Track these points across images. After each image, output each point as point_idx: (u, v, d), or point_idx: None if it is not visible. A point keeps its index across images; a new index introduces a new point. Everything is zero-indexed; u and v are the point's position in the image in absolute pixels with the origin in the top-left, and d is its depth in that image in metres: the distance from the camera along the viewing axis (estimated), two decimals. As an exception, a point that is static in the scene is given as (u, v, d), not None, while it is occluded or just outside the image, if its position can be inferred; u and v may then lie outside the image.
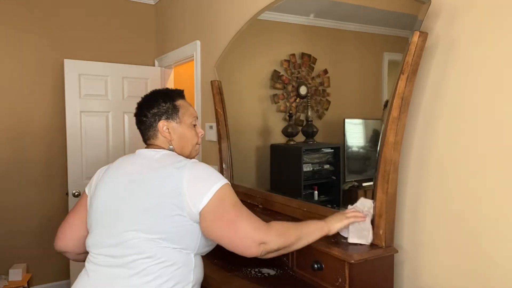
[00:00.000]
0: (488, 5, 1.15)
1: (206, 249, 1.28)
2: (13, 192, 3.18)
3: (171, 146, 1.32)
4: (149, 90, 3.45)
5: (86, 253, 1.27)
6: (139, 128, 1.39)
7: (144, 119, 1.35)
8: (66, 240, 1.35)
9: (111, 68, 3.35)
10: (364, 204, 1.35)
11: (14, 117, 3.16)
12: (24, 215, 3.22)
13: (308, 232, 1.25)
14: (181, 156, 1.28)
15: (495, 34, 1.14)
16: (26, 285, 2.97)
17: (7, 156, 3.16)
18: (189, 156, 1.35)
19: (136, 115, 1.40)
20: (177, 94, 1.40)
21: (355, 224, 1.33)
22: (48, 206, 3.30)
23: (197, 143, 1.39)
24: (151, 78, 3.54)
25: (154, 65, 3.69)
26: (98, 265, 1.19)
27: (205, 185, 1.16)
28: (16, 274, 2.99)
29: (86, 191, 1.36)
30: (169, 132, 1.32)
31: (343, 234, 1.37)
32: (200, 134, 1.40)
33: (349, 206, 1.39)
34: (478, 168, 1.19)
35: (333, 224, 1.29)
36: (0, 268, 3.11)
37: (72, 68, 3.18)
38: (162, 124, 1.32)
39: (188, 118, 1.36)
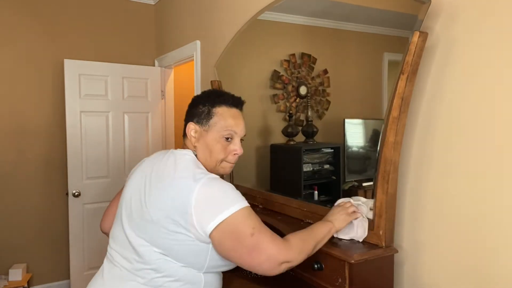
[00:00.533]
0: (488, 5, 1.15)
1: (222, 269, 1.21)
2: (13, 192, 3.18)
3: (194, 152, 1.22)
4: (149, 90, 3.54)
5: None
6: None
7: (185, 115, 1.29)
8: (106, 223, 1.38)
9: (111, 68, 3.35)
10: (357, 201, 1.37)
11: (14, 117, 3.16)
12: (24, 215, 3.22)
13: (321, 238, 1.21)
14: (202, 169, 1.16)
15: (495, 34, 1.14)
16: (26, 285, 2.98)
17: (7, 156, 3.15)
18: (212, 171, 1.19)
19: None
20: (224, 100, 1.25)
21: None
22: (48, 206, 3.30)
23: (223, 160, 1.23)
24: (151, 78, 3.54)
25: (154, 65, 3.69)
26: (113, 264, 1.20)
27: (215, 207, 1.05)
28: (16, 274, 2.99)
29: (128, 176, 1.34)
30: (195, 137, 1.23)
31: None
32: (233, 152, 1.23)
33: (342, 200, 1.39)
34: (478, 167, 1.18)
35: (340, 223, 1.29)
36: (0, 268, 3.11)
37: (72, 68, 3.18)
38: (191, 126, 1.24)
39: (220, 130, 1.21)
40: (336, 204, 1.38)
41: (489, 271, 1.17)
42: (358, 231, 1.32)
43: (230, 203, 1.06)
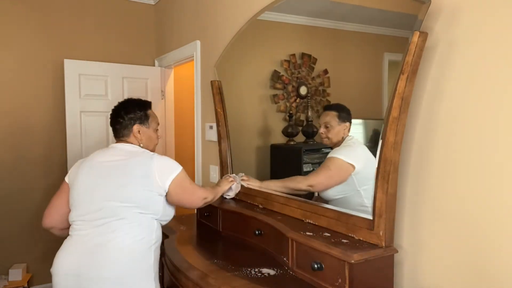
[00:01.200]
0: (488, 5, 1.15)
1: (166, 219, 1.72)
2: (13, 192, 3.18)
3: (141, 145, 1.76)
4: (149, 90, 3.54)
5: (68, 228, 1.65)
6: (113, 126, 1.78)
7: (121, 120, 1.75)
8: (52, 217, 1.72)
9: (111, 68, 3.35)
10: (236, 175, 2.11)
11: (14, 117, 3.17)
12: (24, 215, 3.22)
13: (218, 192, 1.94)
14: (147, 150, 1.72)
15: (495, 34, 1.14)
16: (26, 285, 2.98)
17: (7, 156, 3.16)
18: (153, 150, 1.80)
19: (112, 116, 1.79)
20: (148, 105, 1.85)
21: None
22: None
23: (156, 144, 1.87)
24: (151, 78, 3.54)
25: (154, 65, 3.69)
26: (81, 229, 1.58)
27: (169, 170, 1.64)
28: (16, 274, 2.99)
29: (66, 180, 1.77)
30: (140, 134, 1.76)
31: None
32: (159, 137, 1.89)
33: (227, 175, 2.14)
34: (478, 167, 1.19)
35: (225, 186, 2.01)
36: (0, 268, 3.12)
37: (72, 68, 3.18)
38: (136, 127, 1.75)
39: (154, 125, 1.83)
40: (223, 177, 2.12)
41: (489, 271, 1.17)
42: (233, 191, 2.07)
43: (176, 167, 1.67)
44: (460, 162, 1.23)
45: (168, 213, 1.71)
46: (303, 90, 1.92)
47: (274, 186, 1.91)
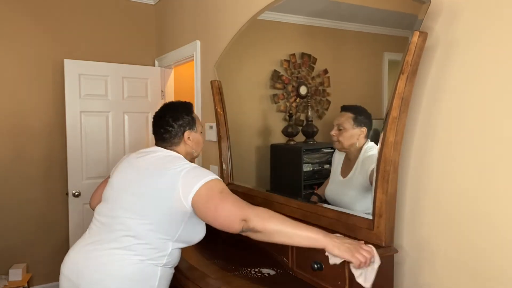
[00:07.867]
0: (488, 5, 1.15)
1: (184, 244, 1.50)
2: (13, 192, 3.18)
3: (193, 151, 1.64)
4: (149, 90, 3.55)
5: None
6: (160, 134, 1.62)
7: (170, 128, 1.60)
8: (94, 202, 1.73)
9: (111, 68, 3.35)
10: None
11: (14, 117, 3.16)
12: (24, 215, 3.22)
13: (297, 234, 1.22)
14: (185, 160, 1.50)
15: (495, 34, 1.14)
16: (26, 285, 2.98)
17: (7, 156, 3.16)
18: (198, 154, 1.68)
19: (158, 124, 1.65)
20: (192, 106, 1.72)
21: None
22: (48, 206, 3.30)
23: (202, 146, 1.72)
24: (151, 78, 3.54)
25: (154, 65, 3.69)
26: (97, 227, 1.49)
27: (195, 180, 1.36)
28: (16, 274, 2.99)
29: (111, 171, 1.67)
30: (190, 140, 1.62)
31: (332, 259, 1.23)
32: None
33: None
34: (478, 168, 1.19)
35: (333, 247, 1.19)
36: (0, 268, 3.11)
37: (72, 68, 3.18)
38: (187, 134, 1.61)
39: (199, 127, 1.68)
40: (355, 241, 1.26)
41: (489, 271, 1.17)
42: (362, 278, 1.17)
43: (207, 175, 1.39)
44: (460, 162, 1.23)
45: (190, 235, 1.49)
46: (303, 90, 1.92)
47: None
